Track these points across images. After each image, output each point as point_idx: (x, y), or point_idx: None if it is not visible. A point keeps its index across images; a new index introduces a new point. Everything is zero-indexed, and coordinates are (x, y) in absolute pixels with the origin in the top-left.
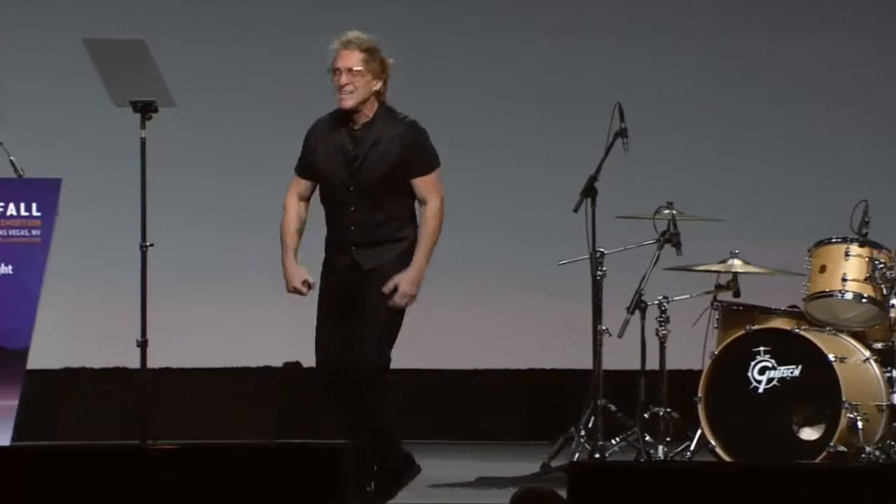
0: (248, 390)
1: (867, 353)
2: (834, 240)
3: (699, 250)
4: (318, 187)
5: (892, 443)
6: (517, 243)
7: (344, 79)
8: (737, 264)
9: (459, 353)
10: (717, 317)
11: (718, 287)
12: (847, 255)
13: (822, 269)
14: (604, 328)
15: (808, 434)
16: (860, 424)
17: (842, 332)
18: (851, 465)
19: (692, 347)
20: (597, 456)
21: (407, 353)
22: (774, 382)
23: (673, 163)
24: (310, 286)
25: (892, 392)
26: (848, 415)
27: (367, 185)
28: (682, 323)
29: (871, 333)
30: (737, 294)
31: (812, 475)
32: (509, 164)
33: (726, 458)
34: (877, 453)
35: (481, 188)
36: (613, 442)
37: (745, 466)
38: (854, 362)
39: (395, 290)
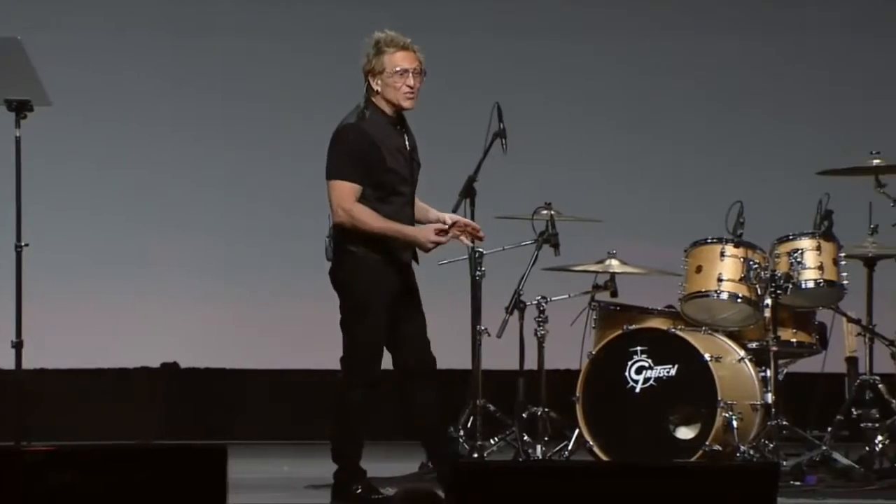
0: (127, 391)
1: (742, 353)
2: (709, 240)
3: (577, 251)
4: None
5: (767, 442)
6: None
7: (413, 80)
8: (614, 264)
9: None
10: (594, 317)
11: (596, 287)
12: (722, 255)
13: (698, 269)
14: (483, 328)
15: (685, 433)
16: (735, 424)
17: (717, 331)
18: (727, 465)
19: (570, 347)
20: (476, 455)
21: (271, 354)
22: (651, 382)
23: (551, 163)
24: (446, 231)
25: (766, 391)
26: (723, 414)
27: (416, 181)
28: (561, 323)
29: (746, 333)
30: (614, 294)
31: (688, 474)
32: None
33: (604, 457)
34: (751, 452)
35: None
36: (492, 441)
37: (622, 466)
38: (729, 362)
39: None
